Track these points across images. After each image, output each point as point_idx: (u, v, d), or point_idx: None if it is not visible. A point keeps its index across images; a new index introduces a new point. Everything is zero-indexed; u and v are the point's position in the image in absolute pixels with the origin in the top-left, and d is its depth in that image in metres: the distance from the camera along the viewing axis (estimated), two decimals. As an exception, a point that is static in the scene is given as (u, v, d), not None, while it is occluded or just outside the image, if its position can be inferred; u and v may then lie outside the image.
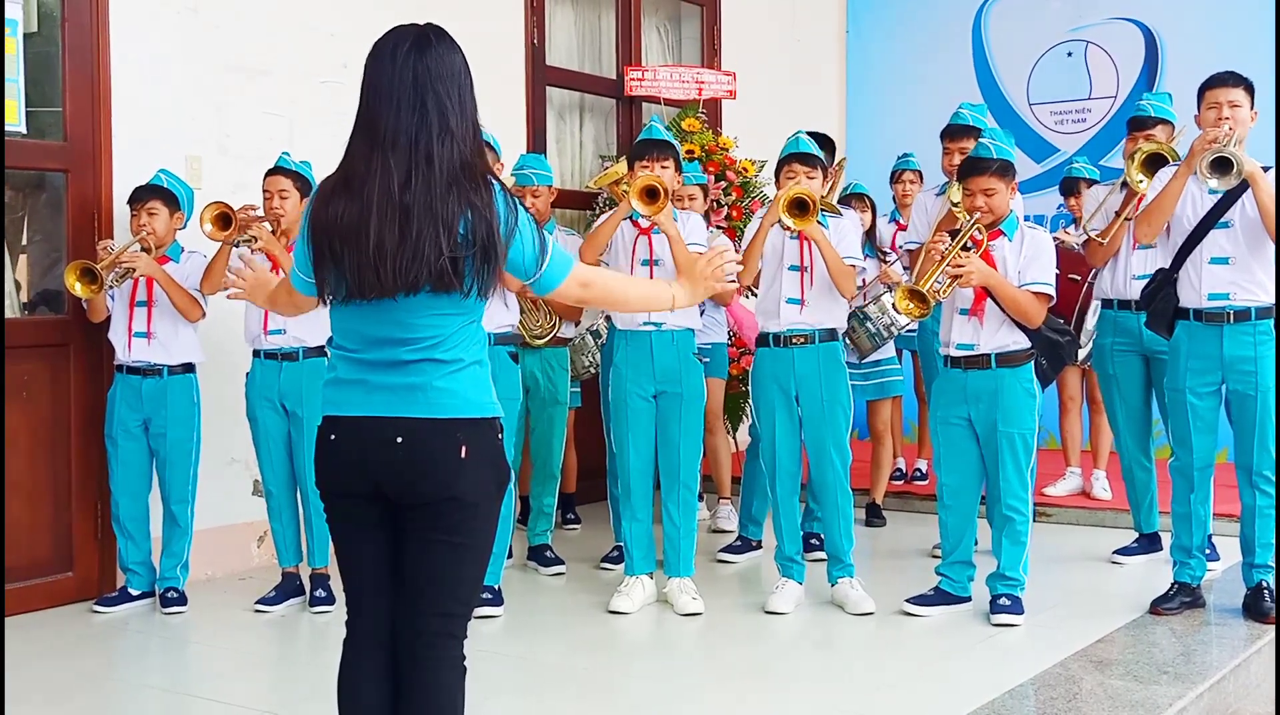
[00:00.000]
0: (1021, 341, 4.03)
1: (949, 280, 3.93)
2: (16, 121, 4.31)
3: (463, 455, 2.21)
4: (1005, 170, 4.01)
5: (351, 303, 2.22)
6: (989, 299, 3.98)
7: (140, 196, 4.30)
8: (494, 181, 2.24)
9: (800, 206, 4.02)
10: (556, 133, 6.64)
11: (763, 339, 4.30)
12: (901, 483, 6.23)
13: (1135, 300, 4.58)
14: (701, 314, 5.11)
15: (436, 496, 2.21)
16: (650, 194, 4.02)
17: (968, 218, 4.02)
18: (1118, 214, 4.69)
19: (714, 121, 6.98)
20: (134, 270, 4.19)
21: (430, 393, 2.22)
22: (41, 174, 4.58)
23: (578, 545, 5.31)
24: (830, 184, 5.39)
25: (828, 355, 4.22)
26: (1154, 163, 4.32)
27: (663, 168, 4.21)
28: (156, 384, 4.27)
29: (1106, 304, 4.85)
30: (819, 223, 4.19)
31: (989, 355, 4.02)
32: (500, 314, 4.16)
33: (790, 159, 4.24)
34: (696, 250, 4.24)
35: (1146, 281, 4.31)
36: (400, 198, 2.15)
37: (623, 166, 4.59)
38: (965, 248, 3.96)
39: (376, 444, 2.22)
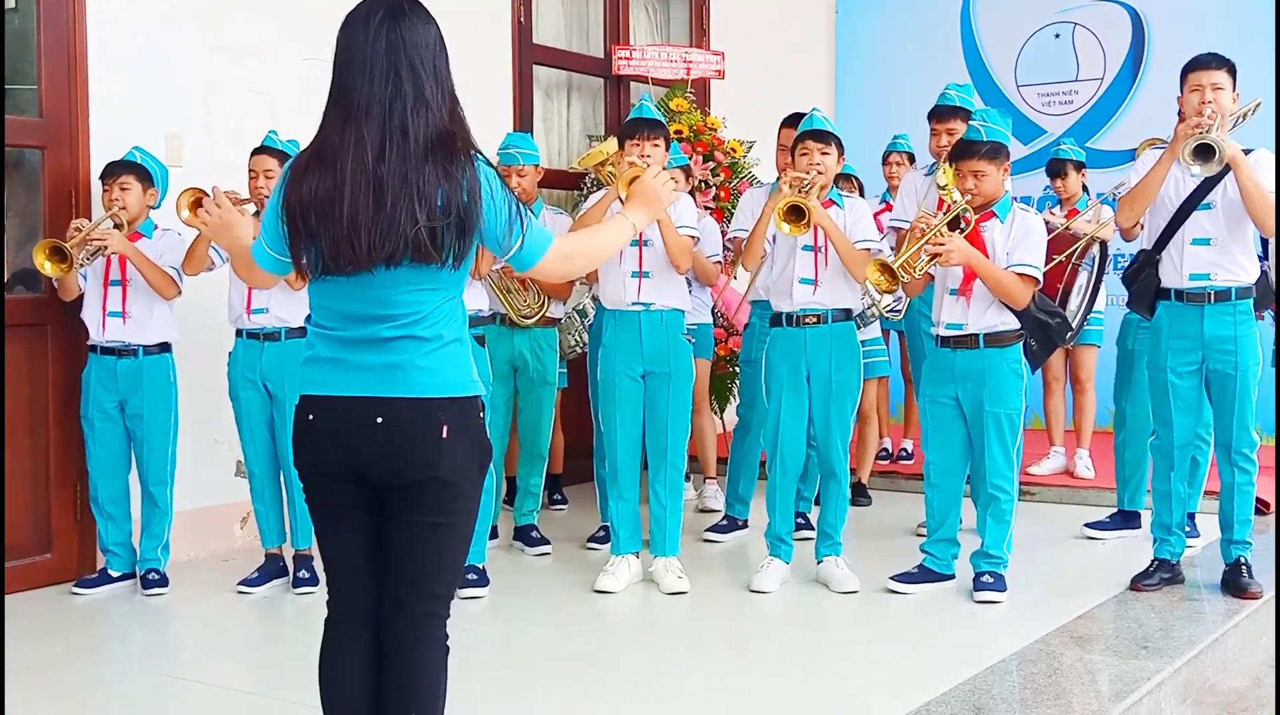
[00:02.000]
0: (1011, 322, 4.06)
1: (928, 258, 3.95)
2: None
3: (444, 435, 2.20)
4: (996, 152, 4.03)
5: (329, 278, 2.19)
6: (976, 279, 4.00)
7: (112, 172, 4.28)
8: (477, 154, 2.23)
9: (795, 213, 4.03)
10: (544, 112, 6.63)
11: (776, 319, 4.30)
12: (887, 462, 6.27)
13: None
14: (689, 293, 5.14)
15: (418, 477, 2.20)
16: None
17: (953, 199, 4.04)
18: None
19: (702, 102, 6.98)
20: (105, 248, 4.17)
21: (410, 371, 2.20)
22: (19, 151, 4.55)
23: (564, 525, 5.34)
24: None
25: (842, 336, 4.24)
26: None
27: (654, 147, 4.21)
28: (132, 364, 4.26)
29: None
30: (833, 201, 4.21)
31: (977, 335, 4.05)
32: (467, 298, 4.15)
33: (805, 136, 4.23)
34: (687, 233, 4.26)
35: (1130, 263, 4.35)
36: (374, 169, 2.14)
37: (609, 146, 4.57)
38: (953, 227, 3.98)
39: (356, 425, 2.20)
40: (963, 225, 4.00)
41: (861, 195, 5.93)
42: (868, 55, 8.13)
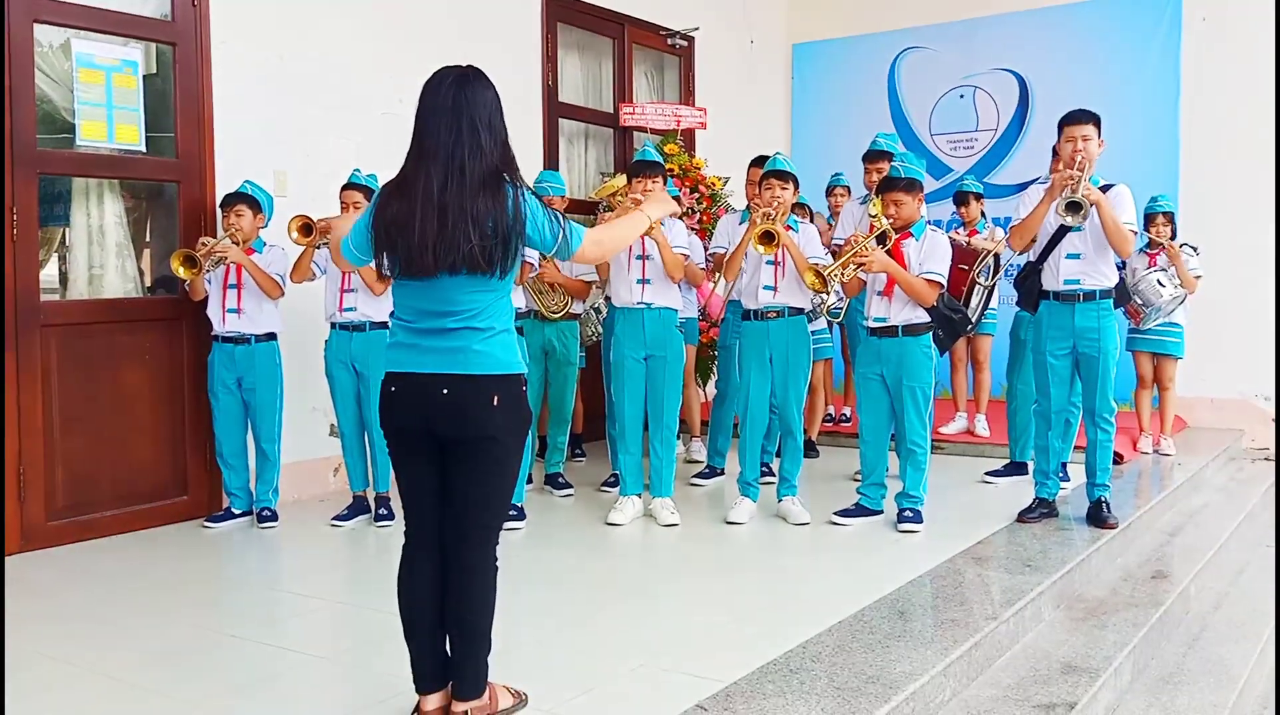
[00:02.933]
0: (923, 317, 4.06)
1: (855, 266, 3.94)
2: (137, 142, 4.26)
3: (495, 403, 2.22)
4: (912, 186, 4.03)
5: (406, 282, 2.22)
6: (897, 283, 4.00)
7: (229, 201, 4.25)
8: (522, 187, 2.23)
9: (767, 238, 4.03)
10: (566, 154, 6.59)
11: (746, 314, 4.28)
12: (831, 424, 6.26)
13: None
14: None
15: (475, 435, 2.22)
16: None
17: (883, 221, 4.03)
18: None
19: (690, 146, 6.95)
20: (225, 258, 4.15)
21: (469, 354, 2.23)
22: (160, 184, 4.53)
23: (583, 473, 5.33)
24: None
25: (795, 326, 4.23)
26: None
27: (654, 182, 4.21)
28: (246, 350, 4.23)
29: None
30: (790, 226, 4.20)
31: (896, 326, 4.05)
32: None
33: (769, 175, 4.21)
34: (680, 251, 4.25)
35: (1018, 271, 4.33)
36: (439, 198, 2.15)
37: (618, 181, 4.58)
38: (880, 243, 3.97)
39: (429, 394, 2.23)
40: (887, 243, 4.00)
41: (812, 220, 5.93)
42: (816, 110, 8.10)
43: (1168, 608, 3.56)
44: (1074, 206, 3.80)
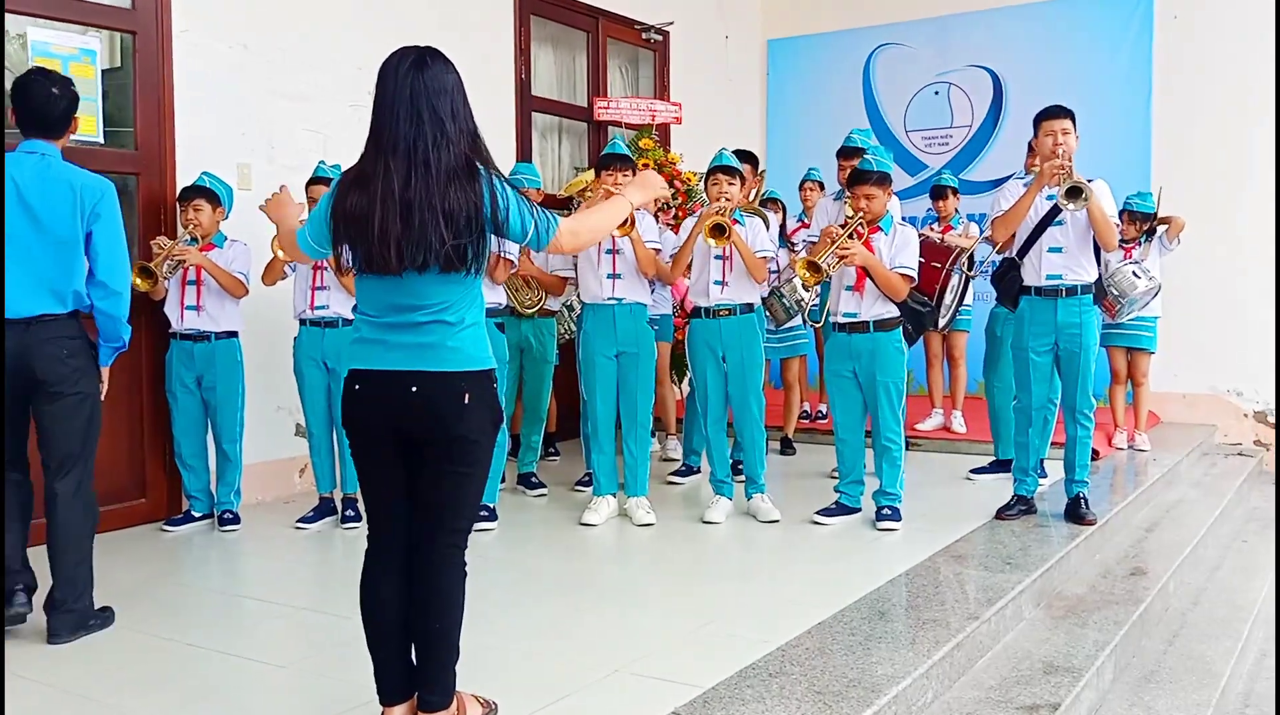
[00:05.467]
0: (892, 311, 3.99)
1: (836, 258, 3.87)
2: (95, 133, 4.09)
3: (466, 401, 2.10)
4: (882, 180, 3.95)
5: (368, 276, 2.10)
6: (867, 278, 3.93)
7: (186, 195, 4.09)
8: (482, 170, 2.11)
9: (718, 230, 3.95)
10: (540, 149, 6.47)
11: (696, 312, 4.20)
12: (808, 421, 6.19)
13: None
14: (652, 292, 5.02)
15: (445, 434, 2.10)
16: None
17: (854, 215, 3.96)
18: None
19: (665, 142, 6.87)
20: (184, 262, 4.00)
21: (439, 350, 2.10)
22: (121, 177, 4.34)
23: (557, 472, 5.22)
24: (754, 189, 5.31)
25: (746, 324, 4.14)
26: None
27: (624, 176, 4.10)
28: (205, 348, 4.08)
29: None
30: (737, 221, 4.11)
31: (868, 322, 3.98)
32: (487, 294, 4.03)
33: (715, 170, 4.13)
34: (652, 245, 4.15)
35: (996, 267, 4.27)
36: (402, 195, 2.02)
37: (587, 176, 4.47)
38: (851, 236, 3.90)
39: (396, 392, 2.10)
40: (854, 235, 3.93)
41: (784, 214, 5.87)
42: (791, 106, 8.04)
43: (1147, 605, 3.50)
44: (1075, 191, 3.73)
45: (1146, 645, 3.43)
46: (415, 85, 2.05)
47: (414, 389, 2.09)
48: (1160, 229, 5.58)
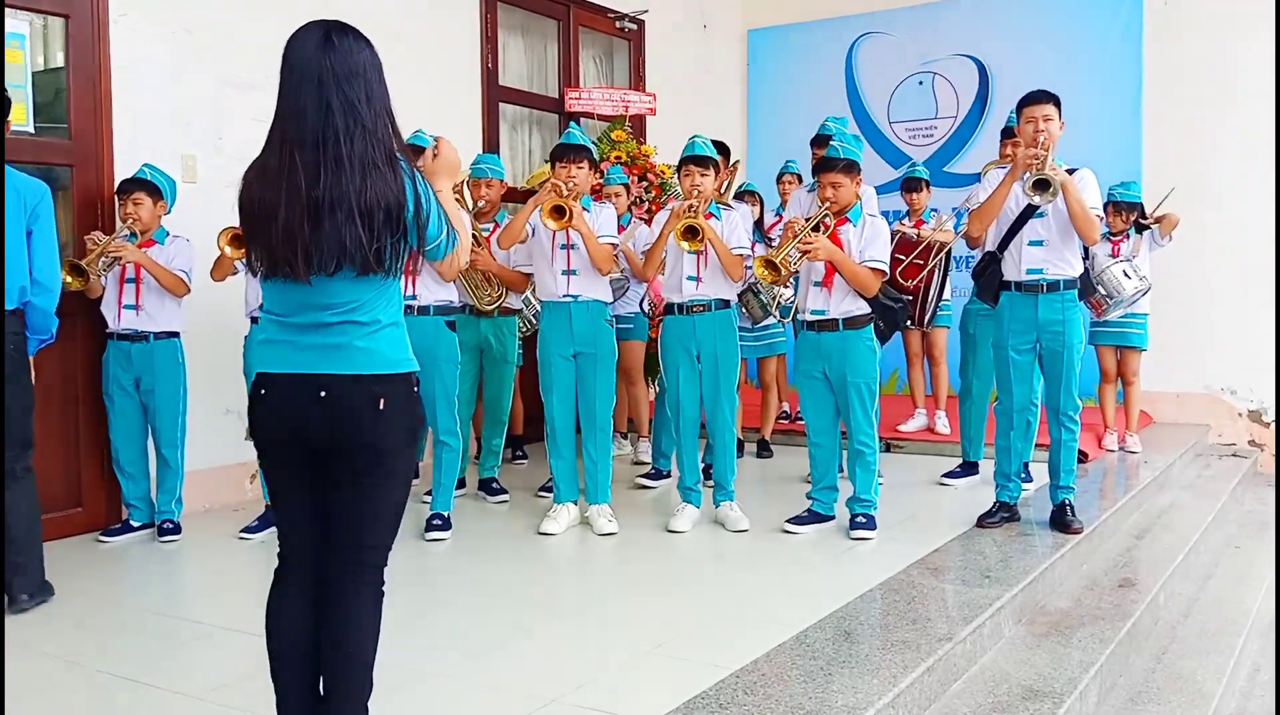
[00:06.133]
0: (863, 307, 3.77)
1: (799, 254, 3.65)
2: (25, 122, 3.86)
3: (379, 407, 1.89)
4: (850, 168, 3.72)
5: (272, 278, 1.89)
6: (836, 273, 3.71)
7: (125, 188, 3.86)
8: (402, 160, 1.89)
9: (690, 233, 3.74)
10: (510, 141, 6.24)
11: (669, 308, 3.99)
12: (786, 422, 5.97)
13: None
14: (627, 292, 4.80)
15: (356, 444, 1.90)
16: (558, 212, 3.68)
17: (822, 206, 3.75)
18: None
19: (640, 134, 6.65)
20: (120, 259, 3.77)
21: (350, 351, 1.90)
22: (54, 169, 4.12)
23: (523, 476, 5.00)
24: (726, 182, 5.09)
25: (721, 321, 3.93)
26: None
27: (578, 168, 3.87)
28: (144, 348, 3.86)
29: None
30: (712, 214, 3.90)
31: (837, 319, 3.76)
32: (438, 290, 3.81)
33: (687, 161, 3.91)
34: (607, 241, 3.92)
35: (976, 262, 4.06)
36: (309, 192, 1.80)
37: (547, 168, 4.23)
38: (816, 229, 3.68)
39: (303, 398, 1.89)
40: (824, 228, 3.71)
41: (762, 208, 5.65)
42: (772, 97, 7.83)
43: (1136, 620, 3.30)
44: (1042, 183, 3.54)
45: (1134, 662, 3.23)
46: (323, 67, 1.83)
47: (322, 393, 1.88)
48: (1154, 226, 5.39)
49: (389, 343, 1.94)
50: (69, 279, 3.67)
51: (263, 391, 1.95)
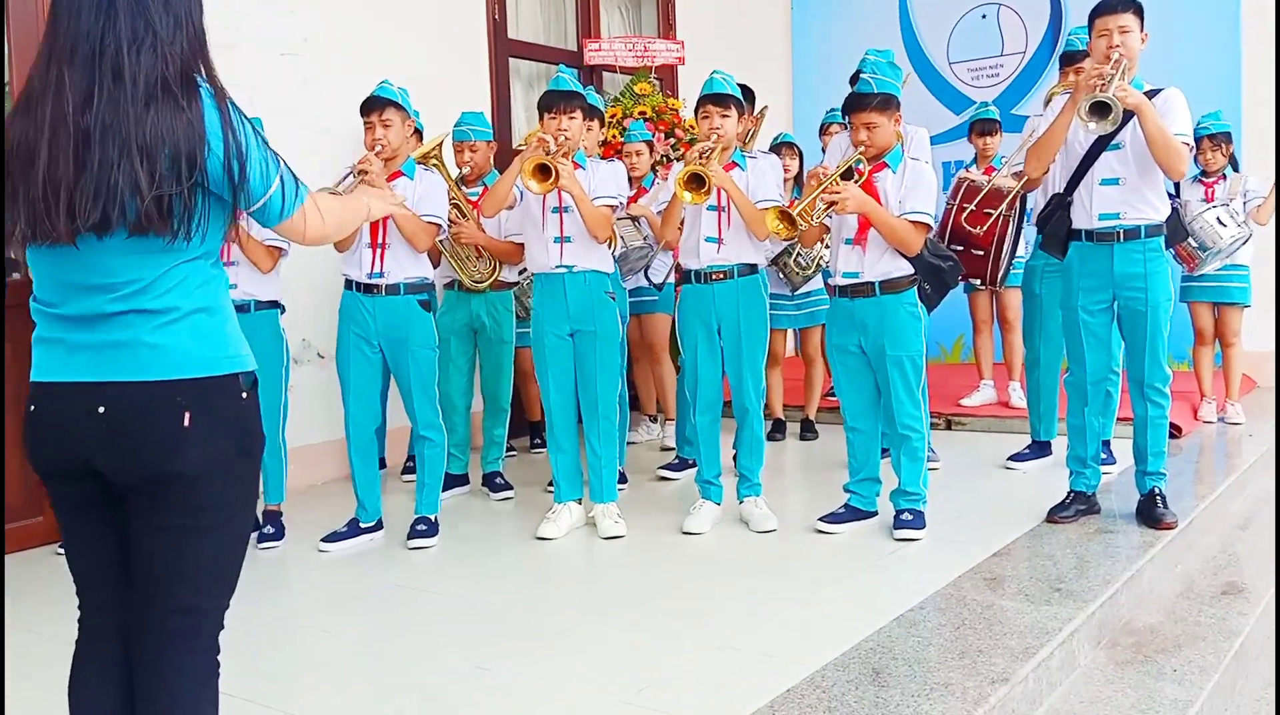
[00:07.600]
0: (904, 268, 3.18)
1: (825, 205, 3.08)
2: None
3: (185, 424, 1.43)
4: (886, 104, 3.13)
5: (37, 244, 1.42)
6: (871, 228, 3.13)
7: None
8: (206, 89, 1.43)
9: (695, 181, 3.20)
10: (525, 100, 5.75)
11: (686, 276, 3.48)
12: (834, 399, 5.40)
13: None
14: (652, 260, 4.31)
15: (154, 474, 1.43)
16: (543, 172, 3.18)
17: (855, 151, 3.16)
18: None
19: (672, 87, 6.11)
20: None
21: (138, 351, 1.43)
22: None
23: (539, 469, 4.54)
24: (751, 129, 4.53)
25: (747, 289, 3.40)
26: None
27: (570, 119, 3.36)
28: None
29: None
30: (736, 163, 3.37)
31: (873, 283, 3.19)
32: (410, 266, 3.36)
33: (705, 100, 3.38)
34: (604, 203, 3.41)
35: (1043, 207, 3.44)
36: (77, 120, 1.35)
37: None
38: (847, 177, 3.10)
39: (78, 416, 1.43)
40: (856, 176, 3.13)
41: (801, 163, 5.07)
42: (819, 41, 7.17)
43: (1245, 638, 2.69)
44: (1099, 107, 2.89)
45: (1243, 691, 2.62)
46: None
47: (101, 410, 1.43)
48: (1251, 192, 4.64)
49: (194, 336, 1.46)
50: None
51: (32, 407, 1.49)
